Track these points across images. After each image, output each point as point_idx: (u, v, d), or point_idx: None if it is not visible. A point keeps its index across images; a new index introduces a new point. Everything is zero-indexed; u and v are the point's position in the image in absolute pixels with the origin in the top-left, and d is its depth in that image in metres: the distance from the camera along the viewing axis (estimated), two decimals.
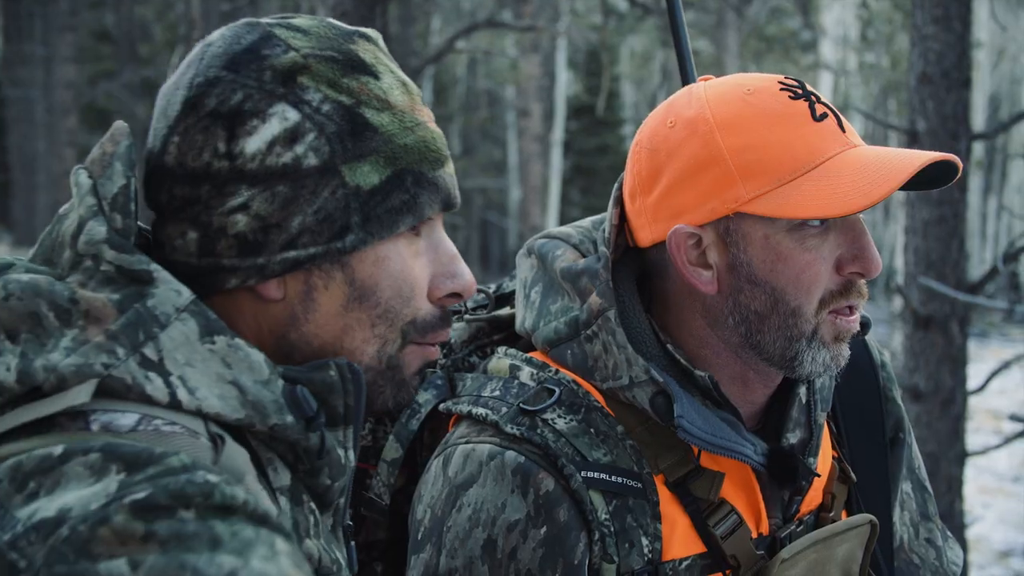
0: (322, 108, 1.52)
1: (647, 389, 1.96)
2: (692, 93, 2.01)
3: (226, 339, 1.45)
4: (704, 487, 1.99)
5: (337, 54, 1.56)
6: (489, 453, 1.96)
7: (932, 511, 2.36)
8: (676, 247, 1.97)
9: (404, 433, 2.14)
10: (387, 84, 1.58)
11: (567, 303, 2.06)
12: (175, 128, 1.53)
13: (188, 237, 1.53)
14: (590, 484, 1.93)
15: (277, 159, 1.50)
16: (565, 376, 2.02)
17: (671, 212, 1.98)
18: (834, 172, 1.88)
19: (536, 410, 1.97)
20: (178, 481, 1.25)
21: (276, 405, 1.46)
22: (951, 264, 6.86)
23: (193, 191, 1.51)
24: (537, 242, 2.18)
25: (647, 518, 1.95)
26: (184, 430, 1.38)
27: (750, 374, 2.03)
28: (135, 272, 1.44)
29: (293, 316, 1.56)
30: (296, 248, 1.52)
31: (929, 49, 6.74)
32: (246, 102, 1.50)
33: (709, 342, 2.02)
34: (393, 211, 1.55)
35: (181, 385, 1.40)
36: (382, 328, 1.59)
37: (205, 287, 1.53)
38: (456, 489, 1.97)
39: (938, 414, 6.92)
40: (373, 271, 1.57)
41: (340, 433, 1.56)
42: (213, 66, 1.53)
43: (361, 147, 1.53)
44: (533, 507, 1.92)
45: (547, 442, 1.94)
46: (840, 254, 1.94)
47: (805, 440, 2.11)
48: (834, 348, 1.97)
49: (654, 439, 1.99)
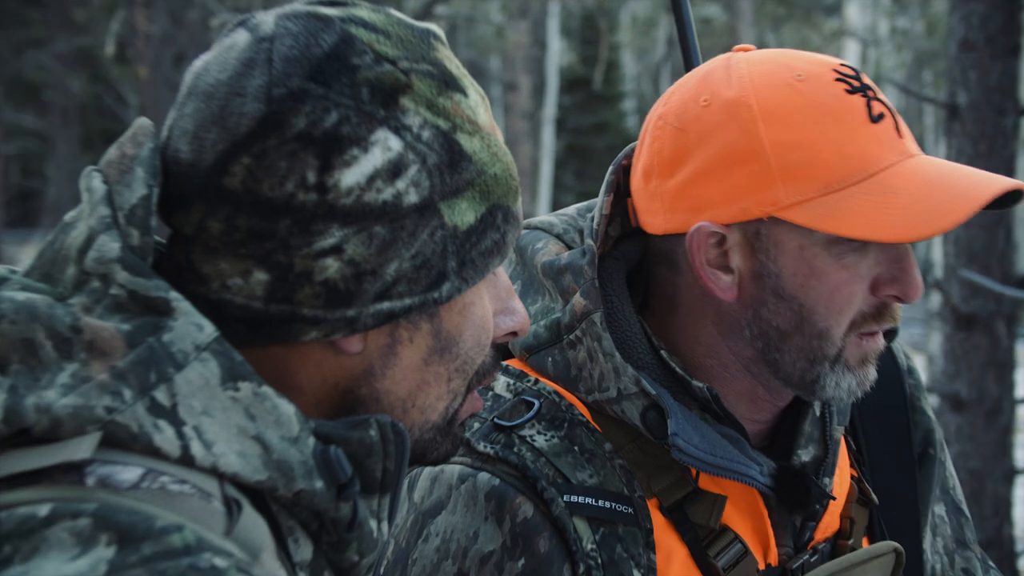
0: (422, 135, 1.45)
1: (637, 402, 1.94)
2: (732, 68, 1.98)
3: (252, 386, 1.37)
4: (704, 512, 1.97)
5: (432, 68, 1.49)
6: (459, 475, 1.94)
7: (970, 537, 2.34)
8: (697, 245, 1.94)
9: None
10: (474, 101, 1.52)
11: (548, 303, 2.05)
12: (246, 147, 1.40)
13: (253, 278, 1.41)
14: (574, 510, 1.91)
15: (377, 196, 1.41)
16: (546, 387, 2.01)
17: (694, 203, 1.95)
18: (890, 187, 1.86)
19: (512, 426, 1.96)
20: (179, 567, 1.20)
21: (305, 468, 1.38)
22: (997, 255, 6.84)
23: (266, 225, 1.40)
24: None
25: (639, 548, 1.93)
26: (195, 491, 1.30)
27: (760, 391, 2.02)
28: (151, 299, 1.36)
29: (369, 371, 1.50)
30: (391, 299, 1.45)
31: (972, 12, 6.73)
32: (342, 125, 1.41)
33: (717, 352, 2.01)
34: (486, 253, 1.51)
35: (196, 437, 1.32)
36: (457, 382, 1.56)
37: (267, 335, 1.44)
38: (422, 516, 1.96)
39: (983, 426, 6.91)
40: (459, 320, 1.53)
41: (375, 502, 1.49)
42: (293, 74, 1.42)
43: (458, 180, 1.47)
44: (509, 536, 1.90)
45: (525, 462, 1.93)
46: (878, 274, 1.92)
47: (819, 458, 2.09)
48: (860, 372, 1.96)
49: (647, 458, 1.98)
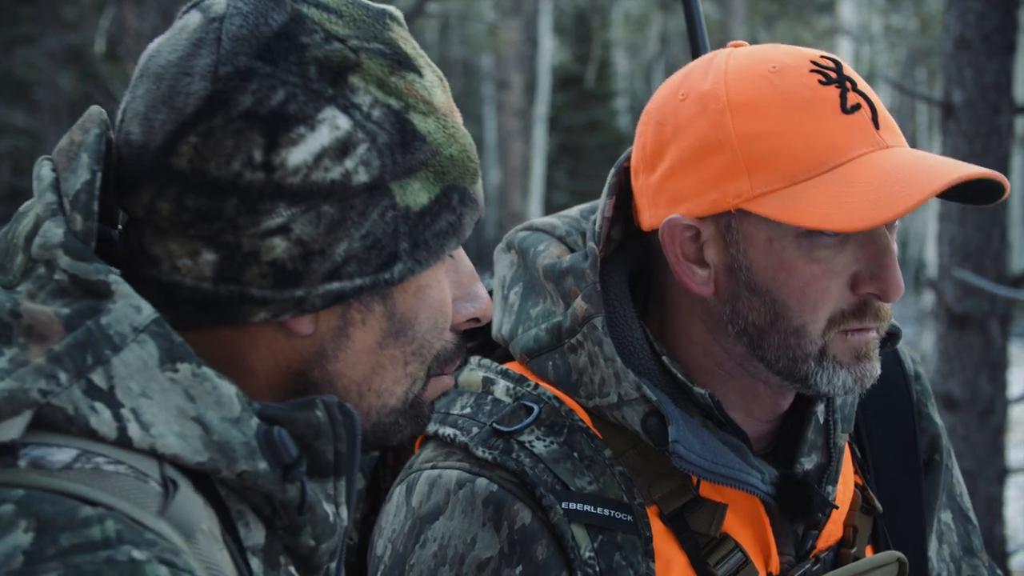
0: (372, 114, 1.44)
1: (638, 408, 1.93)
2: (713, 63, 1.98)
3: (191, 367, 1.36)
4: (704, 520, 1.96)
5: (384, 47, 1.48)
6: (457, 480, 1.94)
7: (977, 545, 2.32)
8: (670, 239, 1.95)
9: (365, 461, 2.12)
10: (430, 82, 1.51)
11: (549, 307, 2.04)
12: (192, 126, 1.41)
13: (202, 258, 1.41)
14: (572, 517, 1.91)
15: (325, 175, 1.41)
16: (546, 391, 2.00)
17: (670, 197, 1.95)
18: (851, 177, 1.84)
19: (511, 431, 1.95)
20: (95, 561, 1.19)
21: (247, 448, 1.37)
22: (991, 255, 6.84)
23: (214, 204, 1.40)
24: (518, 235, 2.16)
25: (638, 556, 1.93)
26: (131, 471, 1.30)
27: (759, 388, 2.01)
28: (91, 283, 1.35)
29: (321, 353, 1.49)
30: (340, 279, 1.44)
31: (968, 9, 6.72)
32: (289, 103, 1.41)
33: (711, 350, 2.00)
34: (441, 235, 1.50)
35: (133, 419, 1.31)
36: (414, 365, 1.54)
37: (217, 316, 1.44)
38: (420, 521, 1.95)
39: (975, 425, 6.91)
40: (414, 303, 1.51)
41: (329, 485, 1.47)
42: (241, 53, 1.42)
43: (411, 160, 1.46)
44: (507, 543, 1.90)
45: (523, 468, 1.92)
46: (857, 270, 1.90)
47: (822, 466, 2.08)
48: (856, 368, 1.93)
49: (647, 465, 1.97)
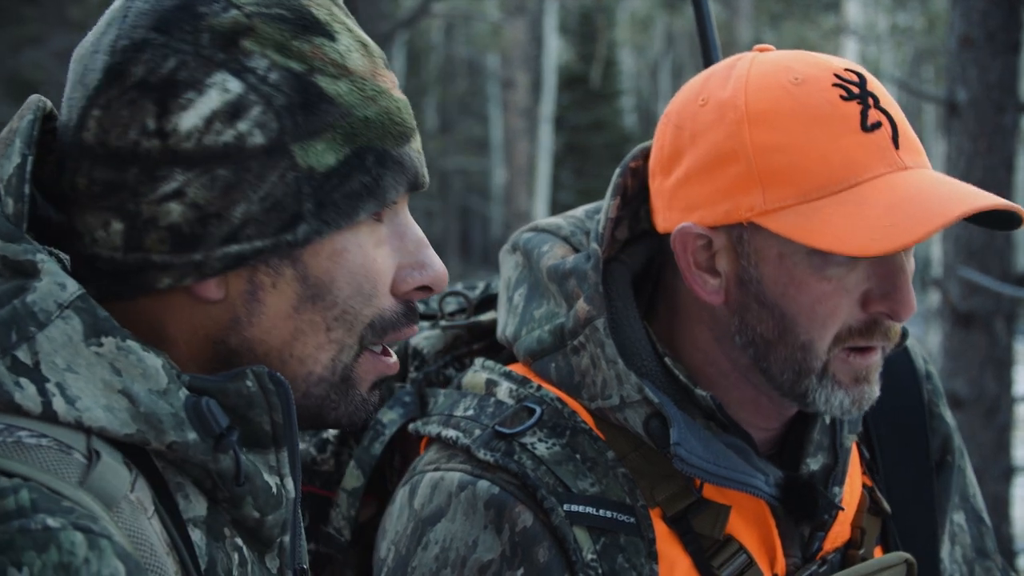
0: (269, 77, 1.46)
1: (640, 410, 1.93)
2: (735, 69, 1.96)
3: (116, 341, 1.39)
4: (708, 522, 1.95)
5: (286, 12, 1.50)
6: (459, 483, 1.93)
7: (991, 547, 2.31)
8: (682, 247, 1.94)
9: (366, 458, 2.11)
10: (344, 46, 1.53)
11: (552, 308, 2.04)
12: (95, 100, 1.46)
13: (112, 228, 1.45)
14: (574, 519, 1.90)
15: (217, 138, 1.44)
16: (549, 393, 2.00)
17: (685, 203, 1.94)
18: (867, 199, 1.82)
19: (514, 433, 1.95)
20: (8, 531, 1.22)
21: (175, 420, 1.39)
22: (996, 253, 6.84)
23: (118, 175, 1.44)
24: (523, 236, 2.15)
25: (641, 558, 1.92)
26: (53, 443, 1.33)
27: (762, 399, 2.00)
28: (19, 263, 1.38)
29: (235, 319, 1.51)
30: (239, 241, 1.46)
31: (972, 8, 6.72)
32: (180, 71, 1.44)
33: (715, 359, 1.99)
34: (353, 196, 1.50)
35: (59, 394, 1.35)
36: (339, 332, 1.54)
37: (132, 286, 1.47)
38: (422, 523, 1.95)
39: (981, 424, 6.91)
40: (329, 266, 1.51)
41: (271, 457, 1.50)
42: (140, 26, 1.46)
43: (315, 122, 1.48)
44: (508, 545, 1.90)
45: (525, 470, 1.92)
46: (868, 289, 1.88)
47: (829, 467, 2.07)
48: (854, 390, 1.92)
49: (650, 467, 1.96)
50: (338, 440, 2.16)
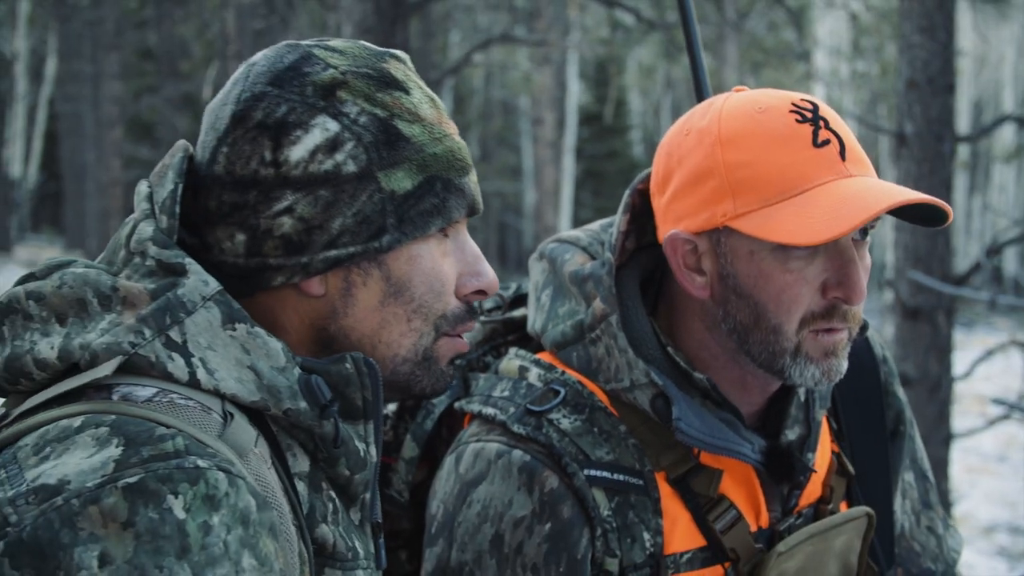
0: (359, 120, 1.54)
1: (647, 391, 1.92)
2: (712, 104, 1.96)
3: (246, 327, 1.47)
4: (704, 483, 1.95)
5: (372, 71, 1.58)
6: (497, 452, 1.93)
7: (933, 500, 2.31)
8: (673, 250, 1.93)
9: (419, 432, 2.11)
10: (417, 99, 1.60)
11: (574, 306, 2.03)
12: (224, 140, 1.55)
13: (236, 239, 1.54)
14: (593, 482, 1.90)
15: (319, 166, 1.52)
16: (571, 377, 1.99)
17: (675, 216, 1.94)
18: (815, 201, 1.81)
19: (542, 410, 1.94)
20: (168, 467, 1.29)
21: (290, 391, 1.48)
22: (938, 258, 6.81)
23: (241, 197, 1.53)
24: (548, 246, 2.15)
25: (649, 514, 1.92)
26: (198, 405, 1.41)
27: (748, 378, 1.98)
28: (171, 265, 1.47)
29: (333, 310, 1.58)
30: (337, 247, 1.54)
31: (916, 57, 6.69)
32: (290, 114, 1.53)
33: (707, 345, 1.98)
34: (425, 214, 1.57)
35: (201, 366, 1.43)
36: (417, 322, 1.60)
37: (252, 285, 1.55)
38: (466, 486, 1.94)
39: (926, 399, 6.88)
40: (407, 268, 1.58)
41: (360, 427, 1.57)
42: (259, 82, 1.56)
43: (395, 155, 1.55)
44: (538, 504, 1.89)
45: (552, 441, 1.92)
46: (826, 278, 1.86)
47: (803, 436, 2.05)
48: (824, 363, 1.90)
49: (656, 438, 1.95)
50: (395, 415, 2.15)
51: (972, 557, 10.70)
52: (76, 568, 1.23)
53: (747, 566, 1.96)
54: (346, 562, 1.55)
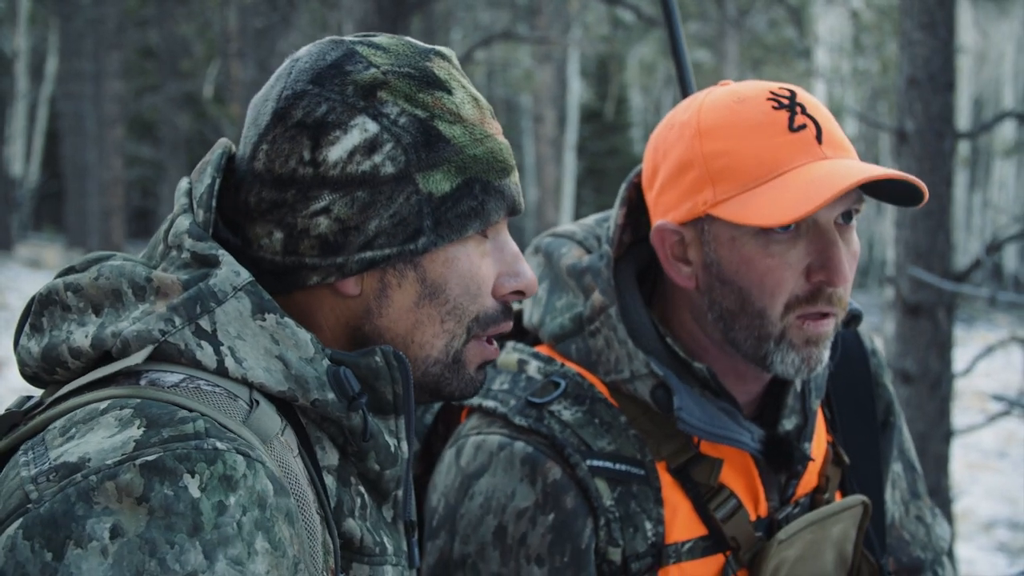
0: (399, 121, 1.53)
1: (648, 382, 1.94)
2: (695, 99, 1.98)
3: (276, 317, 1.48)
4: (704, 473, 1.96)
5: (414, 71, 1.57)
6: (499, 444, 1.94)
7: (921, 490, 2.34)
8: (660, 242, 1.96)
9: (418, 427, 2.12)
10: (459, 99, 1.59)
11: (572, 299, 2.04)
12: (264, 137, 1.55)
13: (274, 237, 1.54)
14: (595, 472, 1.91)
15: (357, 167, 1.52)
16: (570, 370, 2.00)
17: (662, 208, 1.96)
18: (789, 183, 1.83)
19: (543, 402, 1.95)
20: (187, 447, 1.30)
21: (318, 381, 1.48)
22: (938, 255, 6.80)
23: (280, 195, 1.53)
24: (544, 240, 2.16)
25: (650, 503, 1.93)
26: (224, 392, 1.42)
27: (741, 367, 2.00)
28: (206, 256, 1.49)
29: (368, 310, 1.57)
30: (373, 249, 1.53)
31: (916, 54, 6.69)
32: (330, 114, 1.52)
33: (696, 336, 2.00)
34: (462, 216, 1.56)
35: (230, 355, 1.45)
36: (451, 324, 1.59)
37: (288, 283, 1.56)
38: (468, 478, 1.95)
39: (926, 396, 6.87)
40: (443, 271, 1.57)
41: (391, 422, 1.57)
42: (300, 80, 1.55)
43: (434, 157, 1.54)
44: (541, 494, 1.90)
45: (554, 432, 1.92)
46: (810, 262, 1.88)
47: (800, 426, 2.07)
48: (804, 351, 1.91)
49: (656, 428, 1.97)
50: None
51: (972, 553, 10.71)
52: (88, 538, 1.24)
53: (747, 554, 1.98)
54: (374, 557, 1.55)
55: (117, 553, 1.24)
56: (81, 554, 1.24)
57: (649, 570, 1.93)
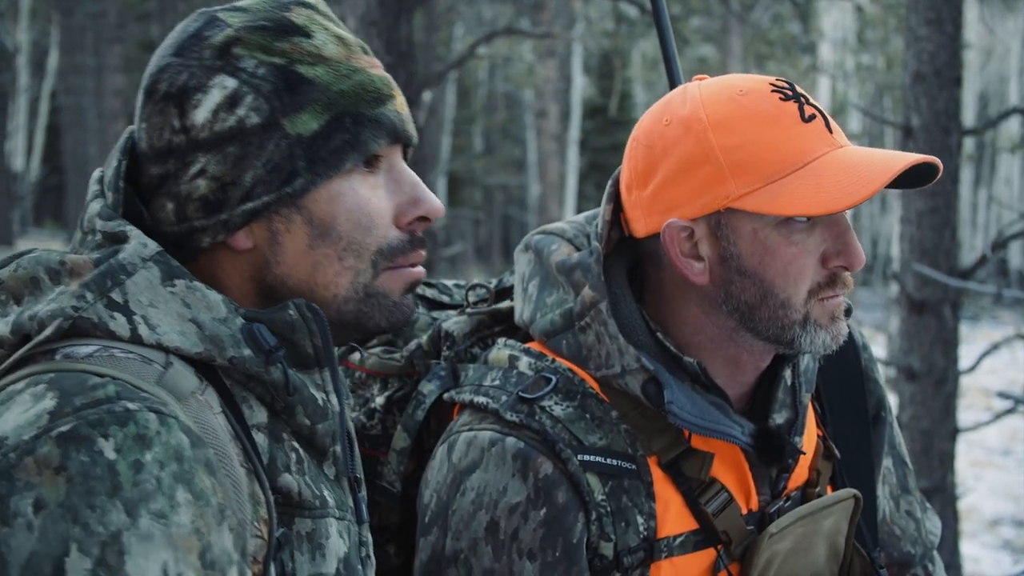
0: (258, 72, 1.57)
1: (638, 376, 1.94)
2: (687, 93, 1.98)
3: (185, 282, 1.52)
4: (695, 467, 1.97)
5: (268, 22, 1.60)
6: (490, 439, 1.94)
7: (912, 485, 2.35)
8: (670, 240, 1.94)
9: (411, 423, 2.12)
10: (320, 40, 1.62)
11: (562, 295, 2.04)
12: (142, 116, 1.61)
13: (167, 209, 1.59)
14: (587, 467, 1.91)
15: (223, 124, 1.56)
16: (561, 365, 2.00)
17: (665, 206, 1.95)
18: (820, 172, 1.85)
19: (534, 398, 1.96)
20: (99, 412, 1.33)
21: (233, 339, 1.51)
22: (943, 252, 6.82)
23: (163, 168, 1.59)
24: (534, 238, 2.17)
25: (642, 497, 1.93)
26: (138, 357, 1.45)
27: (743, 355, 2.00)
28: (115, 234, 1.53)
29: (265, 261, 1.60)
30: (252, 199, 1.57)
31: (923, 50, 6.69)
32: (191, 80, 1.57)
33: (704, 328, 1.99)
34: (336, 151, 1.59)
35: (143, 323, 1.47)
36: (351, 260, 1.62)
37: (187, 250, 1.60)
38: (460, 474, 1.95)
39: (932, 393, 6.88)
40: (329, 208, 1.60)
41: (316, 376, 1.60)
42: (164, 55, 1.61)
43: (298, 100, 1.58)
44: (533, 490, 1.90)
45: (545, 428, 1.93)
46: (825, 249, 1.91)
47: (791, 420, 2.08)
48: (832, 328, 1.94)
49: (647, 423, 1.97)
50: (383, 409, 2.16)
51: (976, 551, 10.72)
52: (13, 515, 1.27)
53: (739, 548, 1.98)
54: (315, 510, 1.57)
55: (42, 526, 1.27)
56: (9, 532, 1.27)
57: (641, 564, 1.93)
